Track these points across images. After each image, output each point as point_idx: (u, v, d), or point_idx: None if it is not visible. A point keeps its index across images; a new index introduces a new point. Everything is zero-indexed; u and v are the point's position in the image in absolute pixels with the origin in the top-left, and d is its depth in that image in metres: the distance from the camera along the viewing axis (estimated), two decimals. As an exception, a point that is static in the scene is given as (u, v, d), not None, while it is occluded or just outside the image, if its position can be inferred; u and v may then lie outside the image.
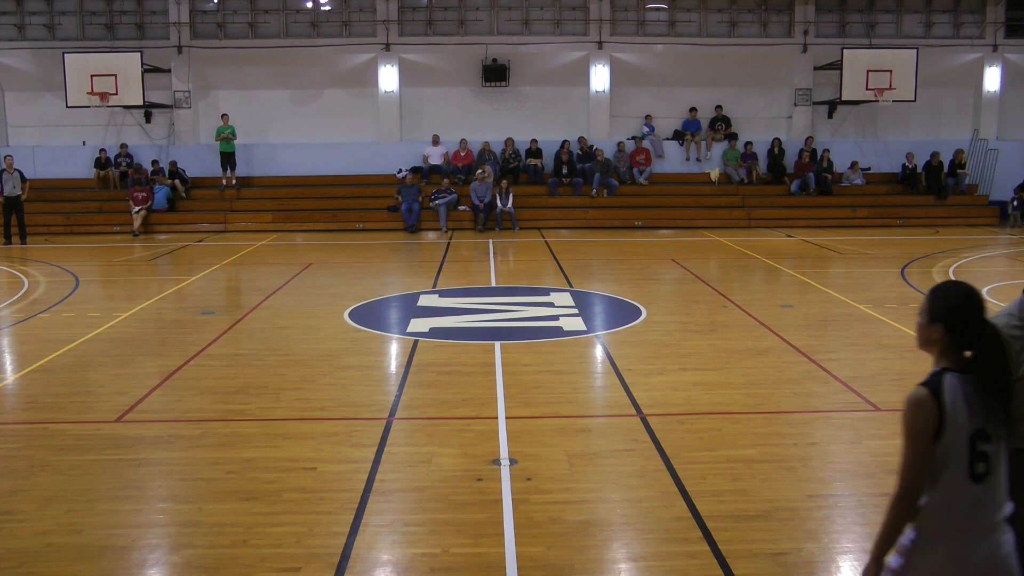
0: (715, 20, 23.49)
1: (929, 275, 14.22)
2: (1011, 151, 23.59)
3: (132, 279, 15.27)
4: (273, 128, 23.40)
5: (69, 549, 4.88)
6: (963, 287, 3.00)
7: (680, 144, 23.57)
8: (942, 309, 2.96)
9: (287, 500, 5.49)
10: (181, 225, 21.58)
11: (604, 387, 8.23)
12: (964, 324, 2.93)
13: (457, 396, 7.67)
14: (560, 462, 6.08)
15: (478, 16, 23.22)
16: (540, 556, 4.75)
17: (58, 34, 23.05)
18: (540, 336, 9.89)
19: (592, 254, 17.66)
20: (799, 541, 4.96)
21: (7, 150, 21.78)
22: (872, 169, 23.73)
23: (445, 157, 22.79)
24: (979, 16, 23.66)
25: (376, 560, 4.78)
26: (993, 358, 2.89)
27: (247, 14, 23.06)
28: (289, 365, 8.78)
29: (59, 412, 7.37)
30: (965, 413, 2.83)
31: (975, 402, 2.84)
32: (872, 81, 22.07)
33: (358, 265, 16.38)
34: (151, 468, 6.13)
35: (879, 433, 6.63)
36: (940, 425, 2.81)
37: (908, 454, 2.88)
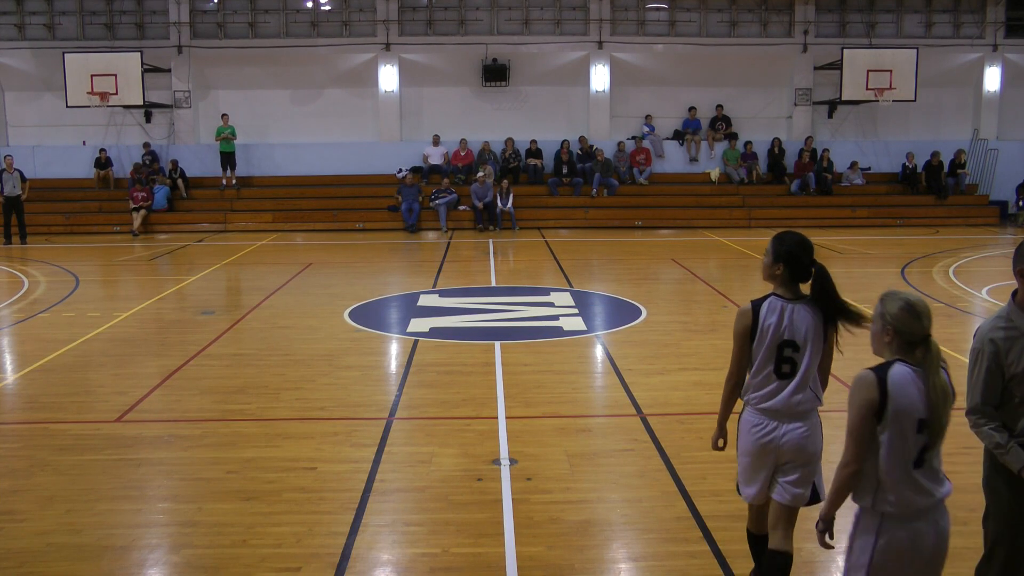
0: (715, 20, 23.49)
1: (929, 275, 14.23)
2: (1011, 151, 23.58)
3: (132, 279, 15.27)
4: (273, 128, 23.40)
5: (69, 549, 4.88)
6: (797, 236, 3.91)
7: (680, 144, 23.57)
8: (780, 252, 3.88)
9: (287, 500, 5.49)
10: (181, 225, 21.58)
11: (604, 387, 8.23)
12: (797, 263, 3.85)
13: (457, 396, 7.67)
14: (560, 462, 6.08)
15: (478, 16, 23.22)
16: (540, 556, 4.75)
17: (58, 34, 23.05)
18: (540, 336, 9.89)
19: (592, 254, 17.66)
20: (799, 541, 4.95)
21: (7, 150, 21.78)
22: (872, 169, 23.73)
23: (445, 157, 22.79)
24: (979, 16, 23.66)
25: (376, 560, 4.78)
26: (822, 288, 3.83)
27: (247, 14, 23.06)
28: (289, 365, 8.78)
29: (59, 412, 7.37)
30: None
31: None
32: (872, 81, 22.06)
33: (358, 265, 16.38)
34: (151, 468, 6.13)
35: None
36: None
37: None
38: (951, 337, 9.81)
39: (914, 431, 3.11)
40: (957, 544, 4.87)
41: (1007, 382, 3.51)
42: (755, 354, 3.91)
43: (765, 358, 3.88)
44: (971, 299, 12.27)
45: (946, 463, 6.07)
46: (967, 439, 6.67)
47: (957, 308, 11.58)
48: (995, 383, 3.52)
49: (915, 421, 3.09)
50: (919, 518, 3.17)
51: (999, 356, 3.49)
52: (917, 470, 3.15)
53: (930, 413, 3.09)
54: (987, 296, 12.41)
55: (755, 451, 3.95)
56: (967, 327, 10.81)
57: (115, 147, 23.01)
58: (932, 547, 3.19)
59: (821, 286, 3.84)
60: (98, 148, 22.68)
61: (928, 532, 3.17)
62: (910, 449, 3.12)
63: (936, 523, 3.20)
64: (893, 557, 3.17)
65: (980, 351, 3.53)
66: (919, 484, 3.15)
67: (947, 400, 3.10)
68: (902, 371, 3.10)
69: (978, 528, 5.03)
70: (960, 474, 5.85)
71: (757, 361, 3.91)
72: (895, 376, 3.10)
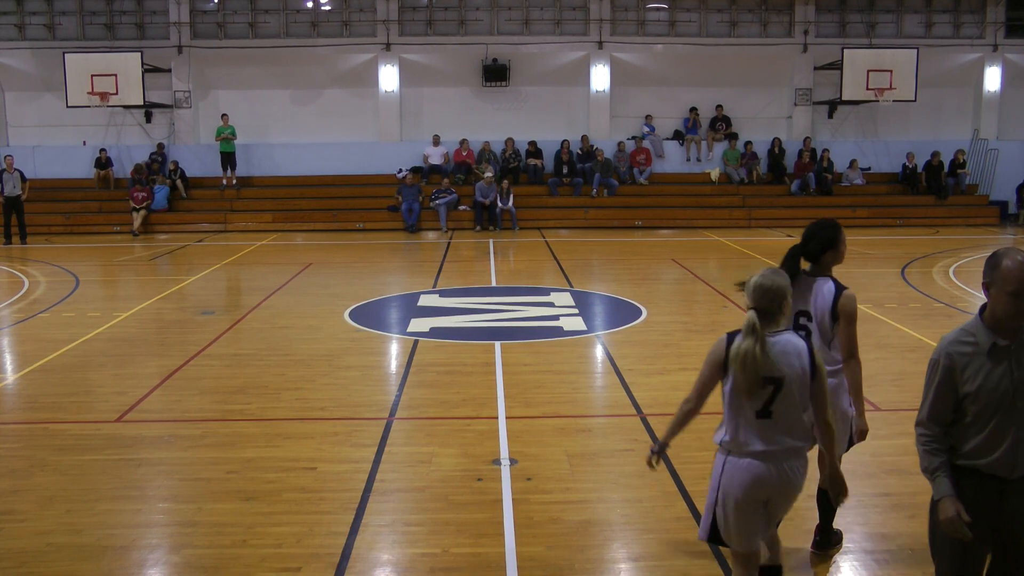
0: (715, 20, 23.49)
1: (929, 275, 14.23)
2: (1011, 151, 23.58)
3: (132, 279, 15.27)
4: (273, 128, 23.39)
5: (69, 549, 4.88)
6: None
7: (680, 144, 23.58)
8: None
9: (287, 500, 5.49)
10: (181, 225, 21.57)
11: (604, 387, 8.23)
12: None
13: (457, 396, 7.67)
14: (560, 462, 6.08)
15: (478, 16, 23.22)
16: (540, 556, 4.75)
17: (58, 34, 23.04)
18: (540, 336, 9.89)
19: (592, 254, 17.66)
20: (799, 541, 4.96)
21: (7, 150, 21.77)
22: (872, 169, 23.73)
23: (445, 157, 22.79)
24: (979, 16, 23.66)
25: (376, 560, 4.78)
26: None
27: (247, 14, 23.06)
28: (289, 365, 8.78)
29: (59, 412, 7.37)
30: None
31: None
32: (872, 81, 22.06)
33: (358, 265, 16.38)
34: (151, 468, 6.13)
35: (879, 433, 6.62)
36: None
37: None
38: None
39: (757, 387, 3.60)
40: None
41: (960, 399, 3.28)
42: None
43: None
44: (971, 299, 12.26)
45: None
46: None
47: (957, 308, 11.57)
48: (946, 399, 3.30)
49: (740, 378, 3.60)
50: (760, 458, 3.65)
51: (954, 371, 3.26)
52: (760, 419, 3.63)
53: (740, 374, 3.58)
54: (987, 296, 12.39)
55: None
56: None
57: (115, 147, 23.01)
58: (774, 484, 3.67)
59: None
60: (98, 148, 22.67)
61: (770, 471, 3.65)
62: (754, 401, 3.61)
63: (780, 465, 3.66)
64: (735, 484, 3.69)
65: (936, 363, 3.31)
66: (761, 431, 3.64)
67: (740, 362, 3.55)
68: (738, 338, 3.64)
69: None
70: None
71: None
72: (736, 341, 3.64)
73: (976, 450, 3.28)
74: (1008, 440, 3.23)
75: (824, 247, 4.58)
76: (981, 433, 3.26)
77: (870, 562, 4.75)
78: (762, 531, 3.83)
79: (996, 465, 3.25)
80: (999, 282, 3.17)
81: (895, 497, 5.54)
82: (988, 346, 3.23)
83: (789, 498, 3.79)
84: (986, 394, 3.22)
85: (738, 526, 3.73)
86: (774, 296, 3.62)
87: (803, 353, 3.64)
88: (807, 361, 3.63)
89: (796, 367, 3.61)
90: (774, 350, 3.59)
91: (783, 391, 3.60)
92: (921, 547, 4.83)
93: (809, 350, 3.66)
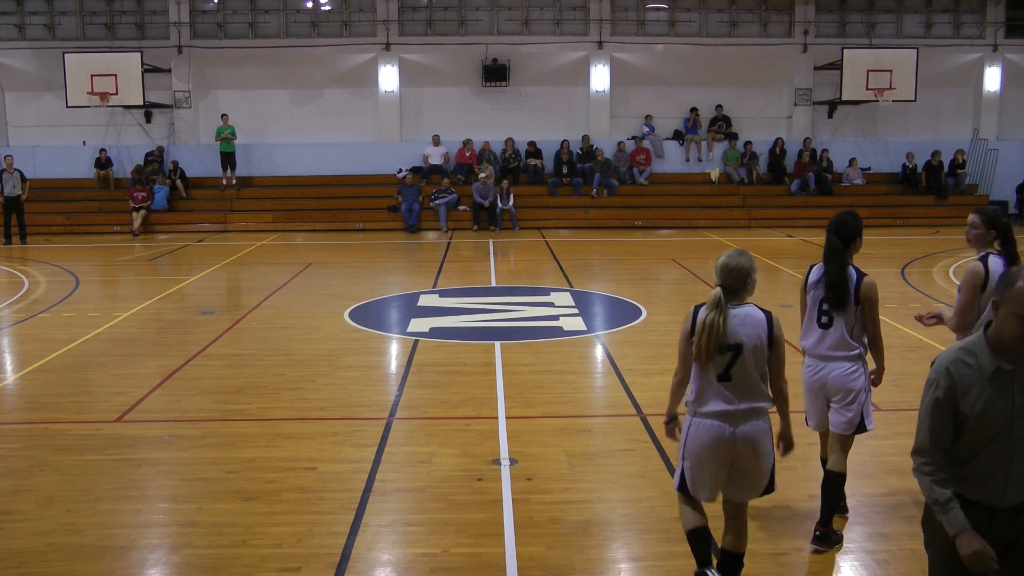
0: (715, 20, 23.49)
1: (929, 275, 14.23)
2: (1011, 151, 23.58)
3: (132, 279, 15.27)
4: (273, 128, 23.39)
5: (69, 549, 4.88)
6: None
7: (680, 144, 23.57)
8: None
9: (287, 500, 5.49)
10: (181, 225, 21.58)
11: (604, 387, 8.23)
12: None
13: (457, 396, 7.67)
14: (560, 462, 6.08)
15: (478, 16, 23.21)
16: (540, 556, 4.75)
17: (58, 34, 23.04)
18: (540, 336, 9.89)
19: (592, 254, 17.66)
20: (799, 541, 4.96)
21: (7, 150, 21.77)
22: (872, 169, 23.72)
23: (445, 157, 22.79)
24: (979, 16, 23.65)
25: (376, 560, 4.78)
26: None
27: (247, 14, 23.06)
28: (289, 365, 8.78)
29: (59, 412, 7.37)
30: None
31: None
32: (872, 81, 22.06)
33: (358, 265, 16.38)
34: (151, 468, 6.13)
35: (879, 433, 6.61)
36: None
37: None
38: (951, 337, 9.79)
39: (716, 353, 4.00)
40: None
41: (959, 424, 3.04)
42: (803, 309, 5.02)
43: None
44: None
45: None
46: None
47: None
48: (947, 422, 3.05)
49: (702, 345, 4.00)
50: (721, 419, 4.03)
51: (954, 392, 3.01)
52: (721, 382, 4.01)
53: (702, 341, 3.99)
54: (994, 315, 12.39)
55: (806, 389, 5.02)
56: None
57: (115, 147, 23.00)
58: (735, 443, 4.03)
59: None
60: (98, 148, 22.67)
61: (730, 431, 4.02)
62: (716, 365, 4.00)
63: (739, 425, 4.02)
64: (698, 441, 4.07)
65: (935, 383, 3.05)
66: (722, 393, 4.02)
67: (704, 331, 3.97)
68: (703, 310, 4.05)
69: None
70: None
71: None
72: (701, 313, 4.03)
73: (966, 477, 3.09)
74: (1001, 469, 3.04)
75: (853, 236, 4.85)
76: (974, 460, 3.07)
77: (870, 562, 4.75)
78: (721, 485, 4.17)
79: (986, 493, 3.08)
80: (1010, 302, 2.96)
81: (895, 497, 5.54)
82: (991, 370, 3.00)
83: (756, 459, 4.08)
84: (984, 420, 3.01)
85: (702, 479, 4.13)
86: (738, 275, 4.05)
87: (762, 325, 4.04)
88: (766, 332, 4.03)
89: (753, 336, 4.01)
90: (734, 321, 4.00)
91: (741, 357, 4.00)
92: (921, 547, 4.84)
93: (769, 323, 4.06)
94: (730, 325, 3.99)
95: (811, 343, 4.95)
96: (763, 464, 4.11)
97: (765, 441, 4.09)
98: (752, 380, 4.03)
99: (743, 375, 4.02)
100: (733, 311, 4.02)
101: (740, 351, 3.99)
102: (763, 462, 4.11)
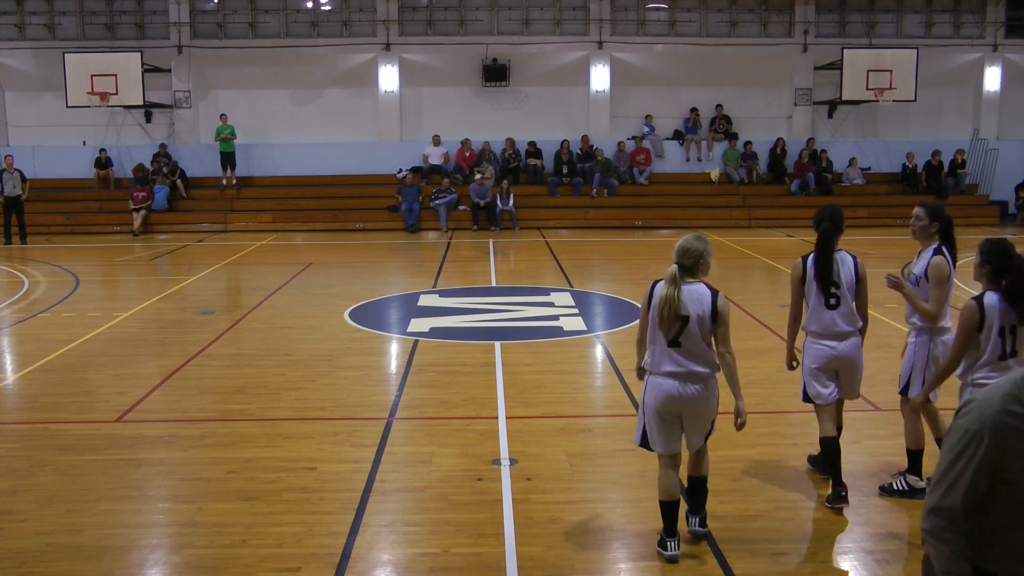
0: (715, 20, 23.49)
1: (929, 275, 14.20)
2: (1011, 151, 23.58)
3: (132, 279, 15.27)
4: (273, 128, 23.39)
5: (69, 549, 4.88)
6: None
7: (680, 144, 23.57)
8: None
9: (287, 500, 5.49)
10: (181, 225, 21.58)
11: (604, 387, 8.23)
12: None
13: (457, 396, 7.67)
14: (560, 462, 6.08)
15: (478, 16, 23.21)
16: (540, 556, 4.75)
17: (58, 34, 23.04)
18: (540, 336, 9.89)
19: (592, 254, 17.66)
20: (799, 541, 4.96)
21: (7, 150, 21.77)
22: (872, 169, 23.72)
23: (445, 157, 22.79)
24: (979, 16, 23.65)
25: (376, 560, 4.78)
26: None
27: (247, 14, 23.06)
28: (289, 365, 8.78)
29: (59, 412, 7.37)
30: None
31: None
32: (872, 81, 22.05)
33: (358, 265, 16.38)
34: (151, 468, 6.13)
35: (879, 433, 6.63)
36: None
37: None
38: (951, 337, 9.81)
39: (675, 322, 4.57)
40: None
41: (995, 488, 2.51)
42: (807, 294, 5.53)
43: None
44: (971, 299, 12.26)
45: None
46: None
47: (957, 308, 11.54)
48: (982, 484, 2.51)
49: (659, 316, 4.60)
50: (670, 377, 4.63)
51: (1000, 451, 2.46)
52: (671, 347, 4.61)
53: (658, 312, 4.59)
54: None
55: (823, 366, 5.49)
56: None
57: (115, 147, 23.00)
58: (682, 400, 4.62)
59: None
60: (98, 148, 22.67)
61: (678, 388, 4.61)
62: (668, 332, 4.60)
63: (686, 385, 4.61)
64: (652, 397, 4.70)
65: (978, 436, 2.47)
66: (672, 357, 4.62)
67: (664, 303, 4.54)
68: (661, 284, 4.63)
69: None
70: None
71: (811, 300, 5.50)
72: (657, 288, 4.65)
73: (1002, 555, 2.54)
74: None
75: (841, 225, 5.60)
76: (1013, 533, 2.52)
77: (870, 562, 4.75)
78: (677, 440, 4.76)
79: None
80: None
81: (895, 497, 5.53)
82: None
83: (700, 415, 4.71)
84: None
85: (658, 433, 4.73)
86: (692, 255, 4.59)
87: (707, 300, 4.59)
88: (709, 307, 4.58)
89: (699, 309, 4.56)
90: (685, 296, 4.56)
91: (688, 327, 4.57)
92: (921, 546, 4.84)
93: (713, 299, 4.60)
94: (682, 299, 4.55)
95: (823, 325, 5.40)
96: (706, 417, 4.74)
97: (709, 398, 4.69)
98: (699, 347, 4.59)
99: (691, 342, 4.59)
100: (685, 287, 4.57)
101: (687, 322, 4.55)
102: (706, 417, 4.74)
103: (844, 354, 5.41)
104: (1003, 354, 4.56)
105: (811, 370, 5.47)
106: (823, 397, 5.47)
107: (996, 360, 4.56)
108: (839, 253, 5.50)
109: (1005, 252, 4.56)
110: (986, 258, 4.63)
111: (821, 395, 5.48)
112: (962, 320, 4.70)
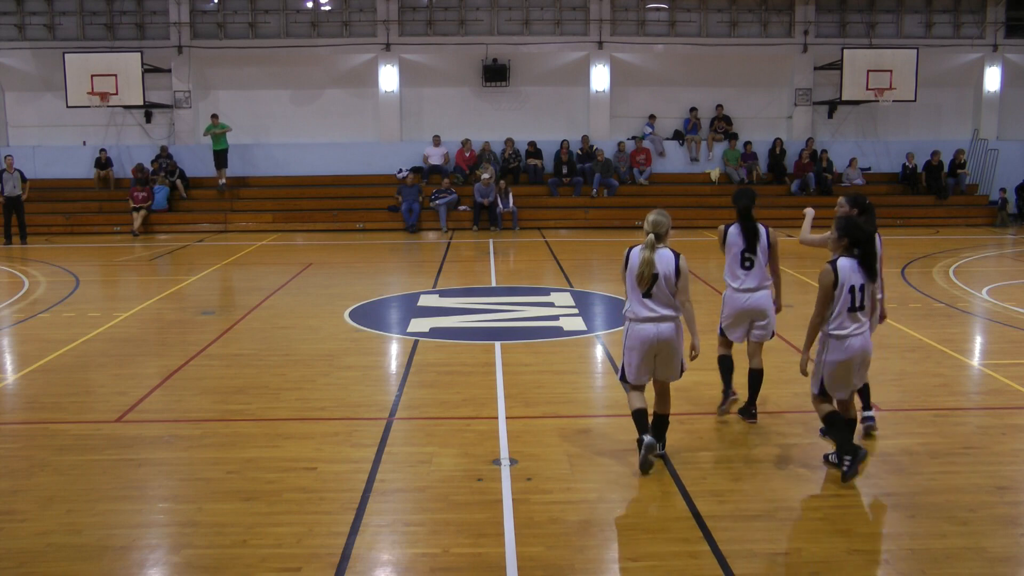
0: (715, 20, 23.49)
1: (929, 275, 14.23)
2: (1011, 151, 23.59)
3: (132, 279, 15.27)
4: (273, 128, 23.40)
5: (69, 549, 4.88)
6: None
7: (680, 144, 23.58)
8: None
9: (287, 500, 5.49)
10: (181, 225, 21.58)
11: (604, 387, 8.23)
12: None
13: (457, 396, 7.67)
14: (560, 462, 6.09)
15: (478, 16, 23.22)
16: (540, 556, 4.75)
17: (58, 34, 23.05)
18: (540, 336, 9.89)
19: (592, 254, 17.66)
20: (799, 541, 4.96)
21: (7, 150, 21.78)
22: (872, 169, 23.72)
23: (445, 157, 22.79)
24: (979, 16, 23.66)
25: (376, 560, 4.78)
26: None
27: (247, 14, 23.06)
28: (289, 365, 8.78)
29: (59, 412, 7.37)
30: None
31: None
32: (872, 81, 22.06)
33: (358, 265, 16.38)
34: (151, 468, 6.13)
35: (879, 433, 6.63)
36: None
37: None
38: (951, 337, 9.82)
39: (649, 278, 5.81)
40: (957, 544, 4.88)
41: None
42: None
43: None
44: (971, 299, 12.27)
45: (945, 462, 6.08)
46: (966, 439, 6.66)
47: (957, 308, 11.58)
48: None
49: (639, 273, 5.83)
50: (645, 322, 5.86)
51: None
52: (646, 298, 5.85)
53: (639, 271, 5.83)
54: (987, 296, 12.41)
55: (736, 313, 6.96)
56: (967, 327, 10.83)
57: (115, 147, 23.01)
58: (657, 339, 5.85)
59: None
60: (98, 148, 22.68)
61: (650, 330, 5.85)
62: (642, 287, 5.82)
63: (658, 327, 5.85)
64: (632, 339, 5.92)
65: None
66: (647, 305, 5.85)
67: (643, 264, 5.79)
68: (637, 248, 5.89)
69: (978, 528, 5.04)
70: (959, 474, 5.85)
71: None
72: (634, 251, 5.92)
73: None
74: None
75: (754, 200, 7.21)
76: None
77: (870, 562, 4.75)
78: (647, 375, 5.98)
79: None
80: None
81: (895, 497, 5.54)
82: None
83: (670, 353, 5.92)
84: None
85: (636, 369, 5.95)
86: (663, 227, 5.90)
87: (672, 261, 5.84)
88: (673, 266, 5.82)
89: (665, 268, 5.80)
90: (656, 258, 5.80)
91: (658, 281, 5.80)
92: (921, 547, 4.84)
93: (676, 260, 5.85)
94: (654, 260, 5.78)
95: (740, 282, 6.88)
96: (676, 355, 5.92)
97: (677, 337, 5.91)
98: (667, 297, 5.83)
99: (660, 293, 5.82)
100: (657, 252, 5.81)
101: (657, 278, 5.78)
102: (676, 354, 5.92)
103: (753, 305, 6.84)
104: (852, 307, 5.68)
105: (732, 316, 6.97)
106: (731, 336, 7.04)
107: (846, 312, 5.68)
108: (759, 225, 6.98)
109: (859, 227, 5.76)
110: (843, 233, 5.75)
111: (729, 335, 7.05)
112: (821, 281, 5.74)
